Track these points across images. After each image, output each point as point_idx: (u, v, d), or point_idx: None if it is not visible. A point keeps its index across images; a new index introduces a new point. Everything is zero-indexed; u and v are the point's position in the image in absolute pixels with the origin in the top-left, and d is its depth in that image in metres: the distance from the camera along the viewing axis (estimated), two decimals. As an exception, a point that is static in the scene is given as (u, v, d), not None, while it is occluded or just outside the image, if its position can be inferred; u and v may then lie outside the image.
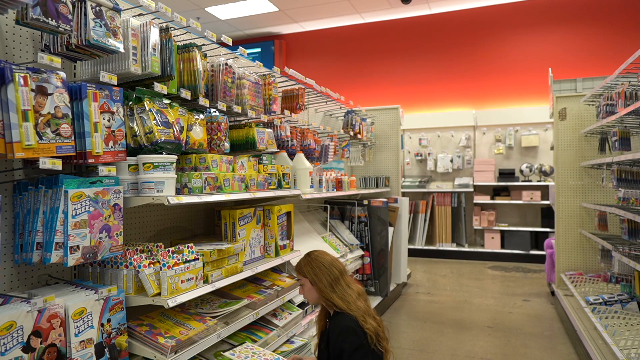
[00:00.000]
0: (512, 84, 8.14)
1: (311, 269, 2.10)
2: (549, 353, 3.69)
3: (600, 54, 7.55)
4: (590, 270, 4.87)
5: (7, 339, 1.41)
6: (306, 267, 2.12)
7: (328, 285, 2.05)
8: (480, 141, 8.18)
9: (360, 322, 1.97)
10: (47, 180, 1.64)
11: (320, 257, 2.12)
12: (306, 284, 2.13)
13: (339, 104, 4.66)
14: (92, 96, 1.67)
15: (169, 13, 2.03)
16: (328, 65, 9.49)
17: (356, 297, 2.06)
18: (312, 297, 2.13)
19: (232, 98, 2.50)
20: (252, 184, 2.46)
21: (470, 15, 8.41)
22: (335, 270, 2.08)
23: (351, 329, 1.95)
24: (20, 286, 1.76)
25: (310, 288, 2.11)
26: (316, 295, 2.10)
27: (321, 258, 2.12)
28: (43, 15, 1.49)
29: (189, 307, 2.24)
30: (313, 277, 2.08)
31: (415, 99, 8.72)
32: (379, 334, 1.98)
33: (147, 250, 2.08)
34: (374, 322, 2.00)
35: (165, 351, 1.81)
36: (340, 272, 2.09)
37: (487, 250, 7.67)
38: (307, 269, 2.11)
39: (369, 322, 1.98)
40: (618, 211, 3.47)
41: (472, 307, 5.00)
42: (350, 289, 2.07)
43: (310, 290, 2.12)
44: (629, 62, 3.29)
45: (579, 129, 4.95)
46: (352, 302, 2.02)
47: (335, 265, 2.10)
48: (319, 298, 2.11)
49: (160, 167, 1.89)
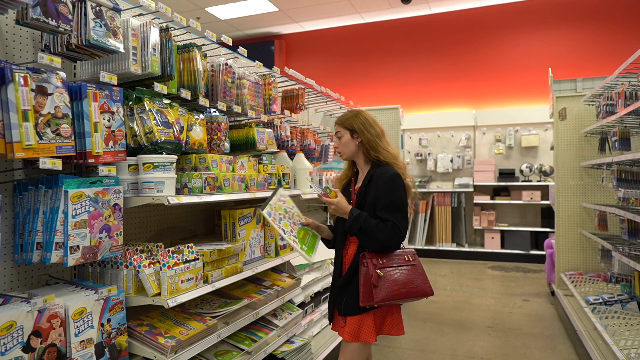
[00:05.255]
0: (512, 84, 8.14)
1: (359, 121, 2.12)
2: (549, 353, 3.69)
3: (600, 54, 7.54)
4: (590, 270, 4.87)
5: (7, 339, 1.41)
6: (354, 119, 2.13)
7: (376, 136, 2.09)
8: (480, 141, 8.18)
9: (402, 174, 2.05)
10: (47, 180, 1.64)
11: (366, 113, 2.17)
12: (345, 135, 2.14)
13: (339, 104, 4.66)
14: (92, 96, 1.67)
15: (169, 13, 2.03)
16: (328, 65, 9.48)
17: (397, 154, 2.14)
18: (347, 150, 2.15)
19: (232, 98, 2.50)
20: (252, 184, 2.46)
21: (470, 15, 8.40)
22: (379, 128, 2.13)
23: (400, 178, 2.03)
24: (20, 286, 1.76)
25: (349, 140, 2.14)
26: (353, 148, 2.14)
27: (367, 114, 2.17)
28: (43, 15, 1.48)
29: (189, 307, 2.24)
30: (360, 127, 2.10)
31: (415, 99, 8.72)
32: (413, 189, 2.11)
33: (147, 250, 2.08)
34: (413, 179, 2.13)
35: (165, 351, 1.81)
36: (382, 131, 2.15)
37: (487, 250, 7.67)
38: (354, 120, 2.12)
39: (408, 177, 2.10)
40: (618, 211, 3.47)
41: (472, 307, 5.00)
42: (390, 147, 2.13)
43: (347, 143, 2.14)
44: (629, 62, 3.29)
45: (579, 129, 4.95)
46: (396, 156, 2.11)
47: (378, 123, 2.16)
48: (356, 152, 2.14)
49: (160, 167, 1.89)
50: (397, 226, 1.96)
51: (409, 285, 1.95)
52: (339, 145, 2.18)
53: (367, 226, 1.96)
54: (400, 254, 2.01)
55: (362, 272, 1.97)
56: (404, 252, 2.03)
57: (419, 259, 2.05)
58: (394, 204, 1.98)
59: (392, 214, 1.97)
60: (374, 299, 1.91)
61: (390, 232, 1.95)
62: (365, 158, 2.14)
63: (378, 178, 2.03)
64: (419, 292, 1.97)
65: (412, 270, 1.98)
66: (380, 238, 1.95)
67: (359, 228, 1.97)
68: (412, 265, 2.00)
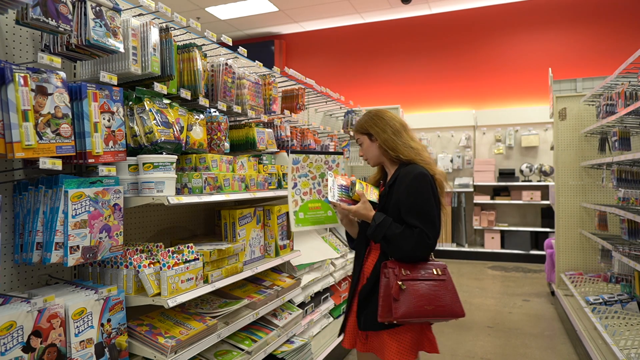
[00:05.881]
0: (512, 84, 8.14)
1: (373, 122, 1.97)
2: (549, 353, 3.69)
3: (600, 54, 7.54)
4: (590, 270, 4.87)
5: (7, 339, 1.41)
6: (368, 122, 1.99)
7: (393, 134, 1.92)
8: (480, 141, 8.18)
9: (430, 169, 1.86)
10: (47, 180, 1.64)
11: (380, 112, 2.01)
12: (365, 141, 2.00)
13: (339, 104, 4.66)
14: (92, 96, 1.67)
15: (169, 13, 2.03)
16: (328, 65, 9.49)
17: (422, 149, 1.94)
18: (371, 155, 2.00)
19: (232, 98, 2.50)
20: (252, 184, 2.46)
21: (470, 15, 8.40)
22: (397, 123, 1.96)
23: (426, 176, 1.82)
24: (20, 286, 1.76)
25: (370, 145, 1.99)
26: (376, 151, 1.98)
27: (382, 112, 2.01)
28: (43, 15, 1.48)
29: (189, 307, 2.24)
30: (375, 130, 1.94)
31: (415, 99, 8.72)
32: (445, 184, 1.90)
33: (147, 250, 2.08)
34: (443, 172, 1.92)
35: (165, 351, 1.81)
36: (402, 125, 1.97)
37: (487, 250, 7.67)
38: (368, 124, 1.98)
39: (437, 170, 1.89)
40: (618, 211, 3.47)
41: (472, 307, 5.00)
42: (414, 141, 1.95)
43: (369, 147, 2.00)
44: (629, 62, 3.29)
45: (579, 129, 4.95)
46: (420, 151, 1.91)
47: (396, 119, 1.99)
48: (380, 155, 1.98)
49: (160, 167, 1.89)
50: (425, 233, 1.75)
51: (435, 302, 1.72)
52: (363, 152, 2.03)
53: (392, 234, 1.77)
54: (428, 266, 1.80)
55: (383, 283, 1.77)
56: (432, 265, 1.81)
57: (449, 274, 1.82)
58: (420, 208, 1.78)
59: (418, 220, 1.76)
60: (392, 314, 1.70)
61: (416, 241, 1.75)
62: (389, 159, 1.97)
63: (402, 179, 1.84)
64: (447, 312, 1.73)
65: (440, 286, 1.76)
66: (406, 248, 1.76)
67: (383, 236, 1.79)
68: (442, 280, 1.77)
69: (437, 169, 1.89)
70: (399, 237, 1.76)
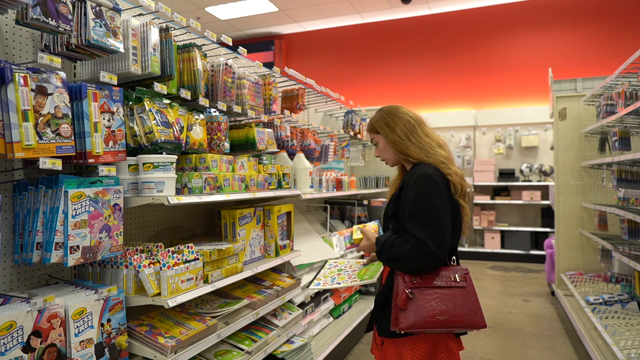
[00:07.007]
0: (512, 84, 8.14)
1: (383, 121, 1.85)
2: (549, 353, 3.69)
3: (601, 53, 7.55)
4: (590, 270, 4.87)
5: (7, 339, 1.41)
6: (378, 121, 1.87)
7: (403, 134, 1.80)
8: (480, 141, 8.18)
9: (442, 168, 1.72)
10: (47, 180, 1.64)
11: (393, 109, 1.88)
12: (380, 141, 1.88)
13: (339, 104, 4.66)
14: (92, 96, 1.67)
15: (169, 13, 2.03)
16: (328, 65, 9.49)
17: (437, 145, 1.81)
18: (388, 154, 1.89)
19: (232, 98, 2.50)
20: (252, 184, 2.46)
21: (470, 15, 8.41)
22: (411, 119, 1.83)
23: (429, 177, 1.67)
24: (20, 286, 1.76)
25: (385, 145, 1.87)
26: (392, 152, 1.86)
27: (394, 109, 1.88)
28: (43, 15, 1.48)
29: (189, 307, 2.24)
30: (385, 131, 1.84)
31: (415, 99, 8.72)
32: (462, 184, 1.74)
33: (147, 250, 2.08)
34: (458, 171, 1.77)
35: (165, 351, 1.81)
36: (417, 121, 1.84)
37: (487, 250, 7.67)
38: (379, 124, 1.87)
39: (452, 169, 1.74)
40: (618, 211, 3.47)
41: (472, 307, 4.99)
42: (429, 137, 1.82)
43: (385, 148, 1.88)
44: (629, 62, 3.29)
45: (579, 129, 4.95)
46: (430, 150, 1.78)
47: (410, 114, 1.86)
48: (396, 154, 1.85)
49: (160, 167, 1.89)
50: (423, 242, 1.59)
51: (450, 312, 1.55)
52: (379, 152, 1.92)
53: (392, 255, 1.68)
54: (446, 272, 1.63)
55: (394, 291, 1.67)
56: (450, 270, 1.64)
57: (471, 280, 1.63)
58: (419, 213, 1.63)
59: (415, 226, 1.62)
60: (398, 324, 1.59)
61: (409, 252, 1.61)
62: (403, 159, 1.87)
63: (407, 183, 1.72)
64: (464, 323, 1.56)
65: (458, 294, 1.58)
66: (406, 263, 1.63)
67: (387, 259, 1.71)
68: (460, 287, 1.60)
69: (452, 168, 1.75)
70: (399, 256, 1.66)
